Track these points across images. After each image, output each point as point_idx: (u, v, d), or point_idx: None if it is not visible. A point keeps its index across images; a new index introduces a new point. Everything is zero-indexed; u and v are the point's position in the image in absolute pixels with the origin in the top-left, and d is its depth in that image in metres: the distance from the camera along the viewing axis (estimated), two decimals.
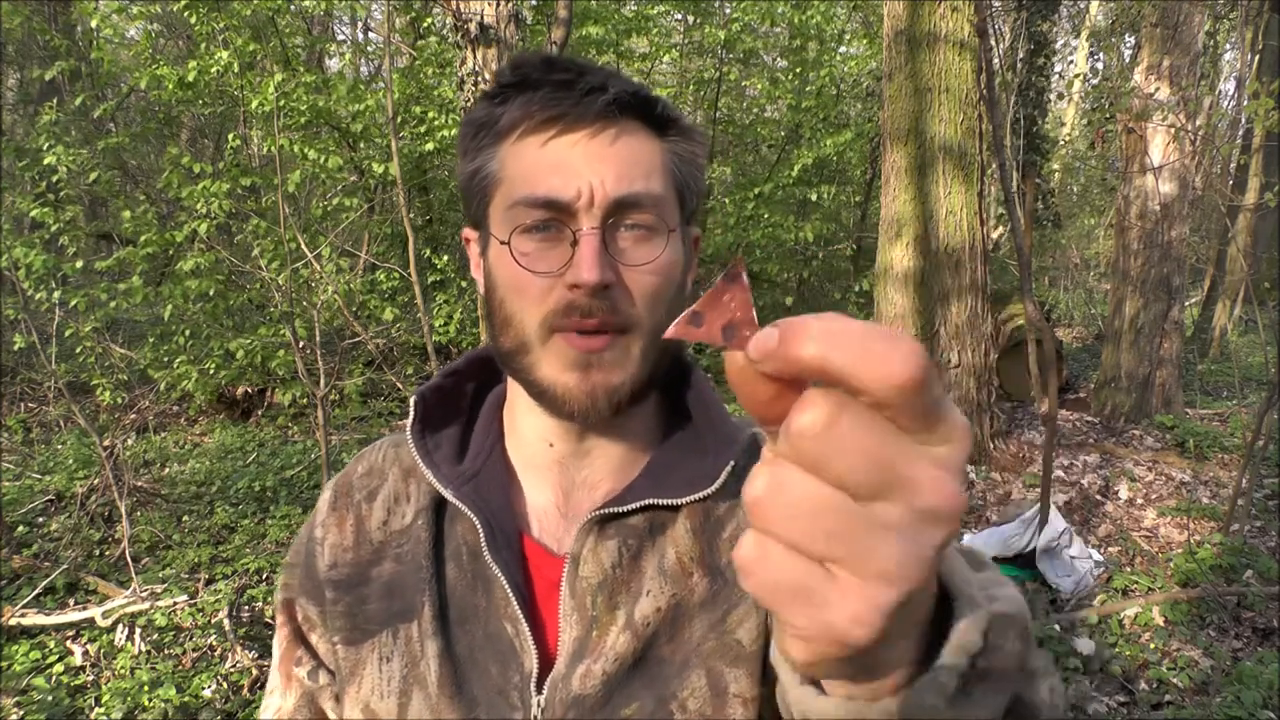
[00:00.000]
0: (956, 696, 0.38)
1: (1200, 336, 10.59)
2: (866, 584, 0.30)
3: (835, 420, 0.30)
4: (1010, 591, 0.48)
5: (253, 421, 7.02)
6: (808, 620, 0.31)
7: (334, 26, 12.89)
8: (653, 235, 0.67)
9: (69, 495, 4.71)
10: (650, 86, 0.77)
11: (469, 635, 0.70)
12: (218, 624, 3.54)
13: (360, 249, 7.43)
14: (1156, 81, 6.41)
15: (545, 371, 0.67)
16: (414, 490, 0.76)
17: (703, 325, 0.33)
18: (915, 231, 5.63)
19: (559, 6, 3.89)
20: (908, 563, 0.30)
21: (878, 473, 0.30)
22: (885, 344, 0.29)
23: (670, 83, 9.96)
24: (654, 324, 0.67)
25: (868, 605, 0.30)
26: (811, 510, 0.30)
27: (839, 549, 0.30)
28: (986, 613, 0.41)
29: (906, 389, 0.29)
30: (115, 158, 7.69)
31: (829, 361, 0.29)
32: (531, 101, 0.65)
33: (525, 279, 0.65)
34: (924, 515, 0.30)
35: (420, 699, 0.68)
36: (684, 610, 0.68)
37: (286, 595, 0.78)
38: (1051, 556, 3.94)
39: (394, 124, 4.88)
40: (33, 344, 5.04)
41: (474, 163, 0.69)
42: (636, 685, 0.66)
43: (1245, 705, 2.90)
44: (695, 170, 0.72)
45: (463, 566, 0.72)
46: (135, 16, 8.79)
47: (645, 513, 0.69)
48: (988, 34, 4.63)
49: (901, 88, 5.67)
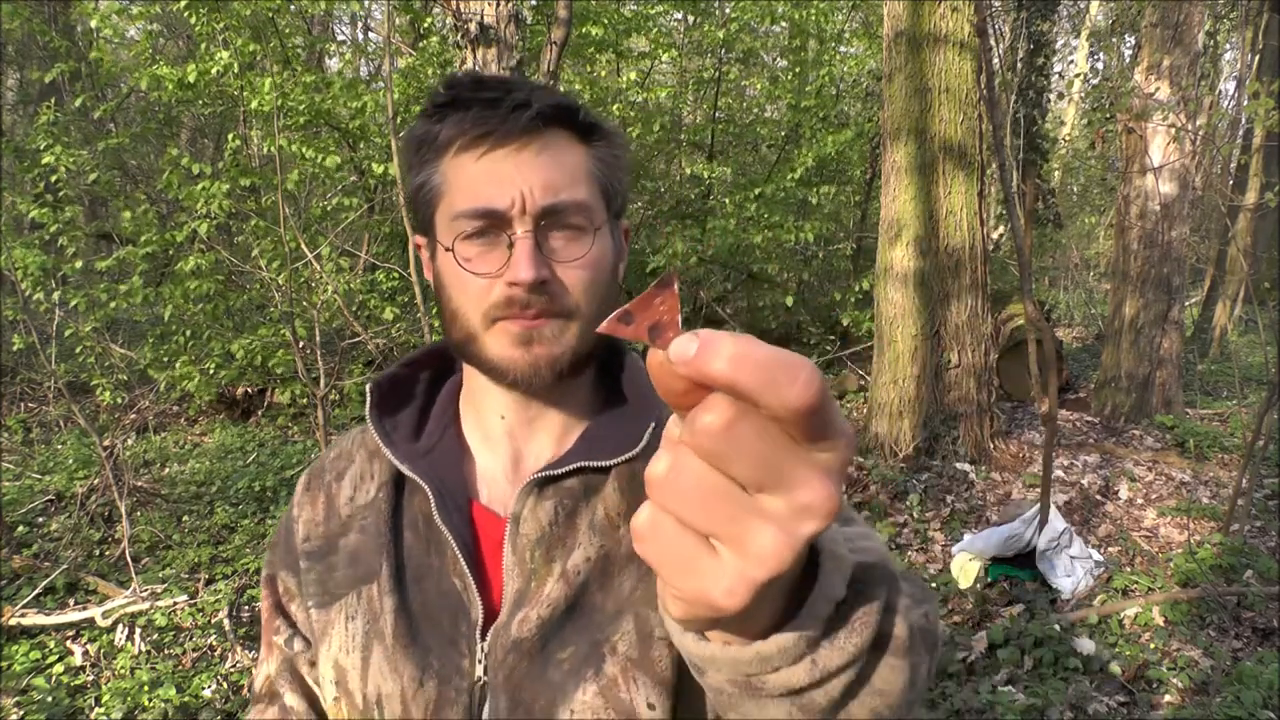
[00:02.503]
0: (820, 638, 0.45)
1: (1200, 336, 10.58)
2: (742, 562, 0.35)
3: (734, 424, 0.34)
4: (874, 544, 0.58)
5: (253, 421, 7.02)
6: (688, 586, 0.37)
7: (334, 27, 12.89)
8: (581, 234, 0.74)
9: (69, 495, 4.71)
10: (576, 96, 0.83)
11: (424, 592, 0.76)
12: (218, 624, 3.54)
13: (360, 249, 7.43)
14: (1156, 81, 6.40)
15: (493, 351, 0.74)
16: (377, 469, 0.83)
17: (632, 324, 0.37)
18: (915, 231, 5.63)
19: (559, 6, 3.89)
20: (780, 549, 0.35)
21: (765, 471, 0.34)
22: (786, 372, 0.32)
23: (670, 82, 9.95)
24: (590, 311, 0.75)
25: (740, 580, 0.35)
26: (703, 494, 0.35)
27: (722, 529, 0.35)
28: (851, 564, 0.47)
29: (801, 412, 0.33)
30: (115, 158, 7.69)
31: (736, 381, 0.32)
32: (464, 120, 0.72)
33: (468, 279, 0.73)
34: (801, 510, 0.35)
35: (379, 651, 0.75)
36: (613, 560, 0.74)
37: (269, 571, 0.86)
38: (1051, 556, 3.94)
39: (394, 124, 4.88)
40: (32, 344, 5.04)
41: (419, 176, 0.77)
42: (569, 630, 0.72)
43: (1245, 705, 2.90)
44: (618, 171, 0.79)
45: (418, 532, 0.78)
46: (135, 17, 8.79)
47: (579, 475, 0.76)
48: (988, 34, 4.63)
49: (902, 88, 5.66)
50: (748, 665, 0.44)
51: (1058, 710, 2.99)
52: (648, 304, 0.38)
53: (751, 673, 0.44)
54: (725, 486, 0.35)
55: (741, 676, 0.44)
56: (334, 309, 5.61)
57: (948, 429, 5.62)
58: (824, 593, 0.45)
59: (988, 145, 5.65)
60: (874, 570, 0.49)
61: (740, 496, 0.35)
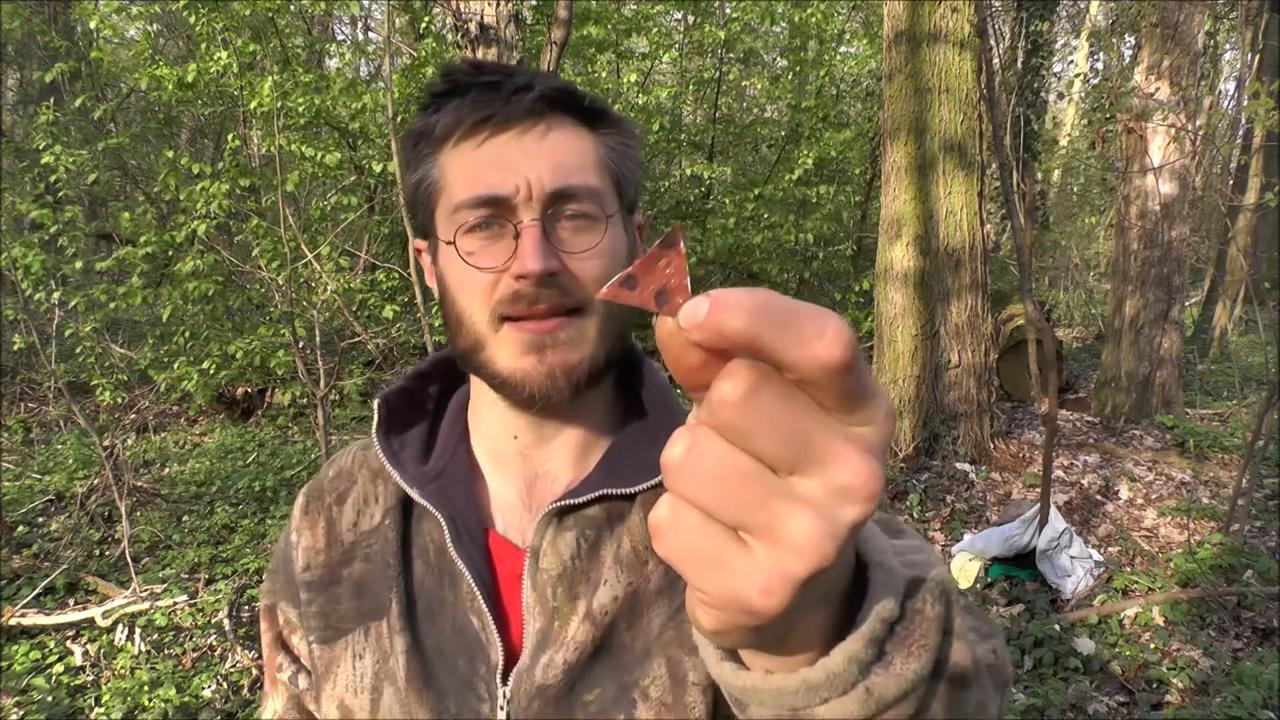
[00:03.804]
0: (874, 664, 0.38)
1: (1200, 336, 10.58)
2: (777, 555, 0.31)
3: (756, 391, 0.30)
4: (928, 557, 0.49)
5: (253, 421, 7.02)
6: (717, 588, 0.32)
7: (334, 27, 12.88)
8: (592, 224, 0.68)
9: (69, 495, 4.71)
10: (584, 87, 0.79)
11: (437, 630, 0.71)
12: (218, 624, 3.54)
13: (360, 249, 7.43)
14: (1156, 81, 6.40)
15: (502, 362, 0.68)
16: (382, 491, 0.77)
17: (636, 289, 0.33)
18: (915, 231, 5.63)
19: (559, 6, 3.89)
20: (820, 538, 0.30)
21: (795, 447, 0.30)
22: (813, 323, 0.29)
23: (670, 83, 9.95)
24: (605, 307, 0.69)
25: (777, 576, 0.31)
26: (727, 478, 0.31)
27: (752, 518, 0.31)
28: (905, 579, 0.41)
29: (831, 369, 0.29)
30: (115, 158, 7.69)
31: (757, 336, 0.29)
32: (462, 106, 0.68)
33: (472, 276, 0.67)
34: (840, 492, 0.30)
35: (391, 694, 0.70)
36: (641, 598, 0.69)
37: (269, 601, 0.81)
38: (1051, 556, 3.94)
39: (394, 123, 4.88)
40: (32, 344, 5.04)
41: (416, 173, 0.72)
42: (598, 672, 0.67)
43: (1245, 705, 2.90)
44: (629, 161, 0.74)
45: (429, 563, 0.73)
46: (135, 17, 8.79)
47: (601, 503, 0.70)
48: (988, 34, 4.63)
49: (902, 88, 5.67)
50: (793, 696, 0.38)
51: (1057, 710, 2.99)
52: (651, 266, 0.33)
53: (798, 705, 0.38)
54: (752, 468, 0.31)
55: (787, 710, 0.38)
56: (334, 309, 5.61)
57: (948, 429, 5.62)
58: (875, 611, 0.38)
59: (987, 145, 5.65)
60: (930, 587, 0.42)
61: (769, 479, 0.31)
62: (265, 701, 0.81)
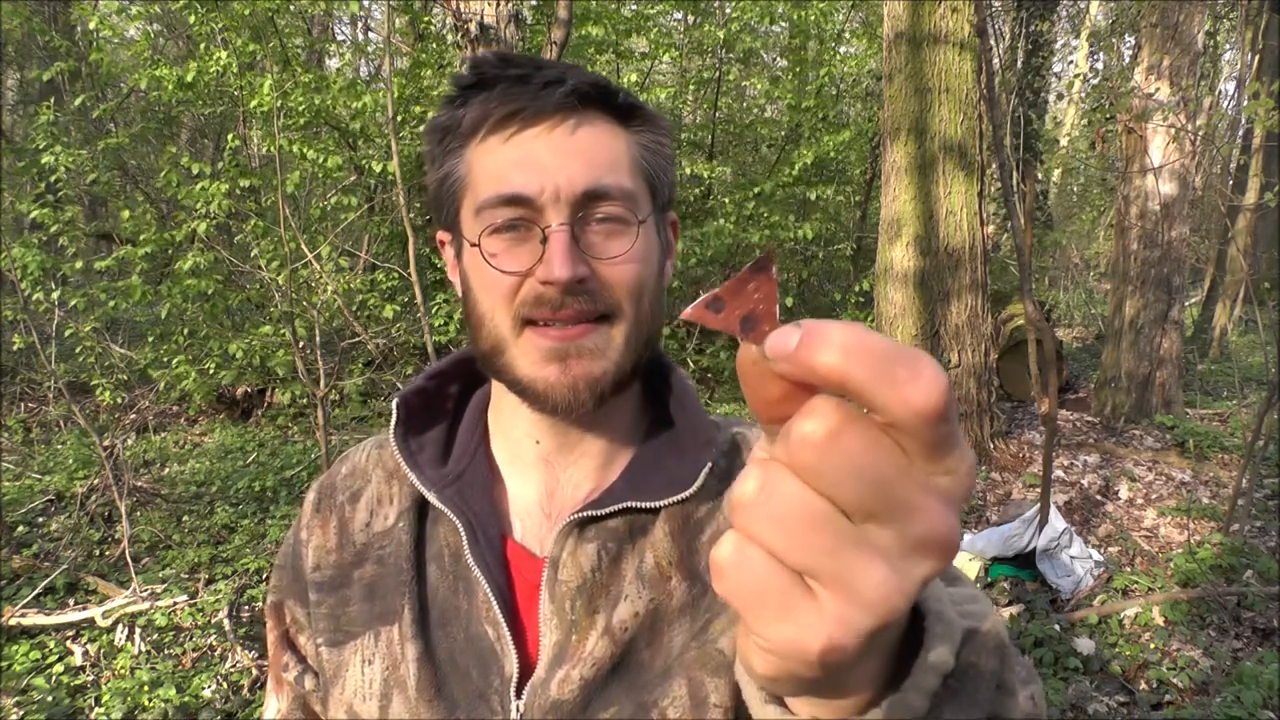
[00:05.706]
0: (927, 718, 0.37)
1: (1200, 336, 10.59)
2: (846, 607, 0.29)
3: (841, 433, 0.28)
4: (985, 608, 0.47)
5: (253, 421, 7.02)
6: (778, 634, 0.30)
7: (334, 27, 12.88)
8: (624, 227, 0.66)
9: (69, 495, 4.71)
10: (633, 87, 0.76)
11: (450, 638, 0.69)
12: (218, 624, 3.54)
13: (360, 249, 7.43)
14: (1156, 81, 6.40)
15: (523, 368, 0.66)
16: (396, 492, 0.75)
17: (722, 312, 0.32)
18: (915, 231, 5.63)
19: (559, 6, 3.89)
20: (891, 591, 0.29)
21: (875, 494, 0.29)
22: (909, 368, 0.28)
23: (670, 83, 9.95)
24: (637, 312, 0.66)
25: (843, 629, 0.29)
26: (800, 520, 0.29)
27: (822, 565, 0.29)
28: (961, 630, 0.40)
29: (925, 416, 0.28)
30: (115, 158, 7.69)
31: (849, 375, 0.27)
32: (490, 99, 0.65)
33: (495, 278, 0.65)
34: (916, 545, 0.29)
35: (400, 702, 0.68)
36: (662, 615, 0.67)
37: (276, 598, 0.79)
38: (1051, 556, 3.94)
39: (394, 123, 4.88)
40: (32, 344, 5.04)
41: (442, 168, 0.69)
42: (615, 690, 0.65)
43: (1245, 705, 2.90)
44: (663, 159, 0.70)
45: (444, 568, 0.71)
46: (134, 17, 8.79)
47: (624, 515, 0.68)
48: (988, 34, 4.63)
49: (902, 88, 5.67)
50: None
51: (1057, 710, 2.99)
52: (740, 290, 0.32)
53: None
54: (826, 512, 0.29)
55: None
56: (334, 309, 5.61)
57: None
58: (931, 662, 0.37)
59: (988, 145, 5.65)
60: (986, 639, 0.41)
61: (843, 525, 0.29)
62: (268, 700, 0.80)
